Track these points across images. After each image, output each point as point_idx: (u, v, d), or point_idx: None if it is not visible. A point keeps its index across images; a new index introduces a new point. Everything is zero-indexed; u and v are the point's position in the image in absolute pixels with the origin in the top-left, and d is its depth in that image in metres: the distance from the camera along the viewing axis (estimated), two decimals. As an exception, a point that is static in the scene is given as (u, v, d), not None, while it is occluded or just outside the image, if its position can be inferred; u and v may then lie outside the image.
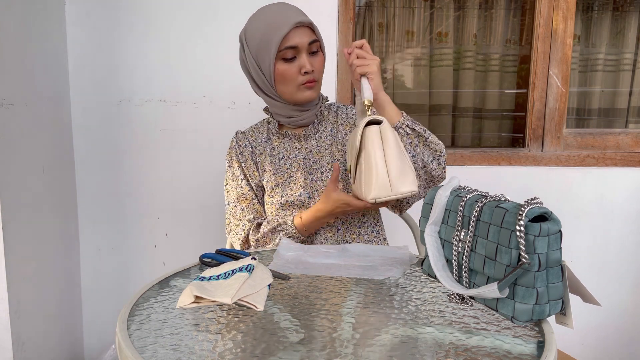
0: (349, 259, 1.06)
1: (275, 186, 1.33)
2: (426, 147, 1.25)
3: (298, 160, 1.34)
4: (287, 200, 1.31)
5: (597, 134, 2.01)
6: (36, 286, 1.74)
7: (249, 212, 1.35)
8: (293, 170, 1.34)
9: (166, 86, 1.94)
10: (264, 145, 1.38)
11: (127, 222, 2.03)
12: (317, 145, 1.36)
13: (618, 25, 2.26)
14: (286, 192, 1.32)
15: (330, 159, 1.34)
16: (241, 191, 1.36)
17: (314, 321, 0.78)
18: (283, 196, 1.32)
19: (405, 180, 1.10)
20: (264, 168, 1.36)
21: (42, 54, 1.77)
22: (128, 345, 0.70)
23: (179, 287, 0.92)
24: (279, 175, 1.34)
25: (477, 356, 0.68)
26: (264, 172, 1.35)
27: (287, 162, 1.35)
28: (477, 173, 1.97)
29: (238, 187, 1.36)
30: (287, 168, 1.34)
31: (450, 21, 2.24)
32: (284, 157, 1.35)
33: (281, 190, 1.32)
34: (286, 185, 1.33)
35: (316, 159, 1.34)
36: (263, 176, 1.36)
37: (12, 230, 1.58)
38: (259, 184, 1.37)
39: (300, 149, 1.36)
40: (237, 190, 1.36)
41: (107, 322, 2.06)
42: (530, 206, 0.73)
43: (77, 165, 1.99)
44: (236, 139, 1.40)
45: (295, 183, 1.33)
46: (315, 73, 1.28)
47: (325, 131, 1.37)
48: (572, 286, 0.77)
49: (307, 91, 1.29)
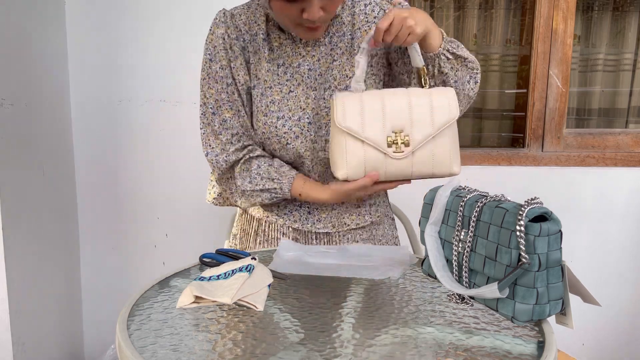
0: (349, 259, 1.06)
1: (271, 103, 1.08)
2: (464, 67, 1.07)
3: (302, 71, 1.09)
4: (285, 125, 1.08)
5: (597, 134, 2.01)
6: (36, 286, 1.74)
7: (233, 125, 1.09)
8: (294, 83, 1.09)
9: (166, 86, 1.94)
10: (261, 44, 1.09)
11: (127, 222, 2.03)
12: (326, 54, 1.10)
13: (618, 25, 2.26)
14: (283, 114, 1.07)
15: (339, 74, 1.10)
16: (226, 97, 1.08)
17: (314, 321, 0.78)
18: (279, 118, 1.07)
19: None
20: (257, 75, 1.09)
21: (42, 54, 1.77)
22: (128, 345, 0.70)
23: (179, 287, 0.92)
24: (277, 89, 1.08)
25: (477, 356, 0.68)
26: (257, 79, 1.09)
27: (288, 72, 1.09)
28: (477, 173, 1.97)
29: (222, 91, 1.09)
30: (286, 79, 1.09)
31: (450, 21, 2.24)
32: (284, 64, 1.09)
33: (277, 110, 1.07)
34: (284, 104, 1.08)
35: (322, 71, 1.10)
36: (254, 83, 1.09)
37: (12, 230, 1.58)
38: (247, 91, 1.10)
39: (306, 56, 1.10)
40: (220, 95, 1.09)
41: (107, 322, 2.05)
42: (530, 206, 0.73)
43: (77, 165, 1.99)
44: (224, 24, 1.09)
45: (294, 102, 1.09)
46: (324, 18, 1.00)
47: (337, 35, 1.10)
48: (572, 286, 0.77)
49: (307, 33, 1.05)
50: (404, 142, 0.98)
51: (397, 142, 0.98)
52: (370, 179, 0.99)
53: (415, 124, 0.99)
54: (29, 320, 1.68)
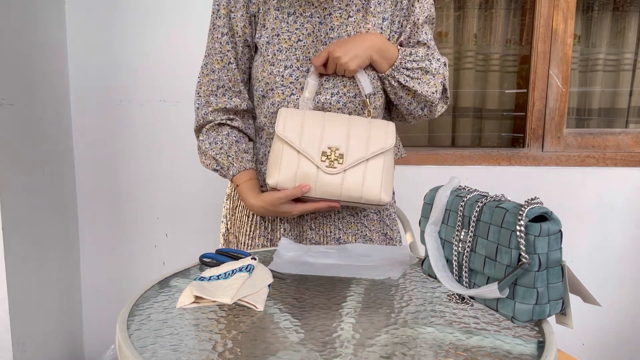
0: (349, 259, 1.06)
1: (278, 51, 1.07)
2: (423, 76, 1.08)
3: (314, 21, 1.07)
4: (292, 75, 1.06)
5: (597, 134, 2.01)
6: (36, 286, 1.74)
7: (221, 77, 1.11)
8: (304, 32, 1.07)
9: (166, 86, 1.94)
10: None
11: (127, 222, 2.03)
12: (340, 9, 1.08)
13: (618, 25, 2.26)
14: (291, 62, 1.06)
15: (353, 31, 1.07)
16: (218, 47, 1.10)
17: (314, 321, 0.78)
18: (287, 67, 1.06)
19: None
20: (265, 24, 1.08)
21: (42, 54, 1.77)
22: (128, 346, 0.70)
23: (179, 287, 0.92)
24: (285, 37, 1.07)
25: (477, 356, 0.68)
26: (265, 29, 1.08)
27: (298, 21, 1.07)
28: (477, 173, 1.97)
29: (216, 41, 1.10)
30: (296, 28, 1.07)
31: (450, 21, 2.24)
32: (295, 12, 1.07)
33: (285, 59, 1.06)
34: (291, 53, 1.07)
35: (334, 25, 1.08)
36: (261, 33, 1.08)
37: (12, 230, 1.58)
38: (249, 43, 1.11)
39: (318, 7, 1.07)
40: (214, 44, 1.11)
41: (107, 322, 2.05)
42: (530, 206, 0.73)
43: (77, 165, 1.99)
44: None
45: (302, 51, 1.07)
46: None
47: None
48: (572, 286, 0.77)
49: None
50: (337, 159, 1.04)
51: (330, 157, 1.04)
52: (299, 190, 1.03)
53: (351, 146, 1.05)
54: (29, 320, 1.68)
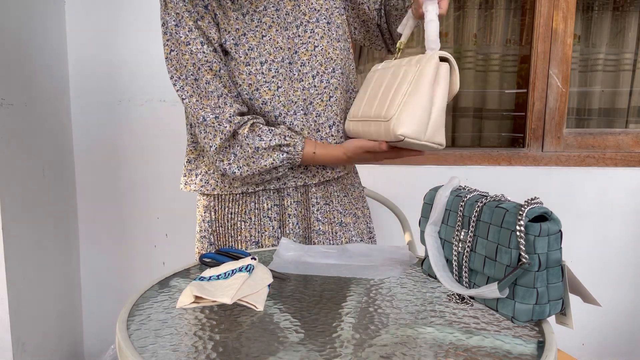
0: (349, 259, 1.06)
1: (250, 50, 1.02)
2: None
3: (269, 13, 1.04)
4: (271, 69, 1.03)
5: (597, 134, 2.01)
6: (36, 286, 1.74)
7: (217, 87, 1.03)
8: (265, 27, 1.03)
9: (166, 86, 1.93)
10: None
11: (127, 222, 2.03)
12: None
13: (618, 25, 2.26)
14: (265, 58, 1.02)
15: (307, 8, 1.07)
16: (203, 58, 1.01)
17: (314, 321, 0.78)
18: (263, 63, 1.02)
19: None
20: (227, 28, 1.03)
21: (42, 54, 1.77)
22: (128, 345, 0.70)
23: (179, 287, 0.92)
24: (251, 35, 1.02)
25: (477, 356, 0.68)
26: (228, 33, 1.02)
27: (255, 18, 1.03)
28: (477, 173, 1.97)
29: (198, 52, 1.01)
30: (255, 26, 1.03)
31: (450, 21, 2.24)
32: (248, 12, 1.04)
33: (258, 56, 1.02)
34: (262, 48, 1.03)
35: (289, 9, 1.06)
36: (225, 37, 1.02)
37: (12, 231, 1.58)
38: (223, 49, 1.05)
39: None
40: (197, 56, 1.01)
41: (107, 322, 2.05)
42: (530, 206, 0.73)
43: (77, 165, 1.99)
44: None
45: (272, 44, 1.04)
46: None
47: None
48: (572, 286, 0.77)
49: None
50: None
51: None
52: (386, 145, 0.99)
53: None
54: (29, 320, 1.68)
